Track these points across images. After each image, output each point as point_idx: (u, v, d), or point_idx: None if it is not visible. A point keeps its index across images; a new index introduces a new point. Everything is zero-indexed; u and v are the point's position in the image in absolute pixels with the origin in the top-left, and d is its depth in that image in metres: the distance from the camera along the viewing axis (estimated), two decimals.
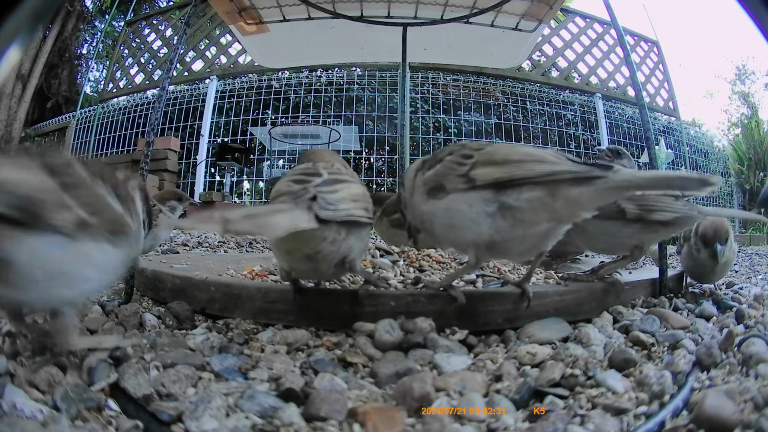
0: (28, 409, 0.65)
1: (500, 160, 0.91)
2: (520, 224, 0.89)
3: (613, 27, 1.70)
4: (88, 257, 0.73)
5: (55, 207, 0.68)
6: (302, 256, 0.90)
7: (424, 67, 6.86)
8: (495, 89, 7.69)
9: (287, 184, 0.91)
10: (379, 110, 7.17)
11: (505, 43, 2.76)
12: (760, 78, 14.08)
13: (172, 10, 7.98)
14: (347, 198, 0.90)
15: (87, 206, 0.72)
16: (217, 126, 7.20)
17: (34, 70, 9.33)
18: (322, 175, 0.93)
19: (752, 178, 8.54)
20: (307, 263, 0.91)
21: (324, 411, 0.66)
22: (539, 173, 0.86)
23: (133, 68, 7.61)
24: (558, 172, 0.84)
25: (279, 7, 2.47)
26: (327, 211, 0.84)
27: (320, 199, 0.84)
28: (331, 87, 7.58)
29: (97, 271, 0.76)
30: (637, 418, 0.68)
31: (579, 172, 0.83)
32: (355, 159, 8.32)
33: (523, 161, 0.88)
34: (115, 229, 0.77)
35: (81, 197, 0.72)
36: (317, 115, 7.36)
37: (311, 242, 0.86)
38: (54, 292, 0.71)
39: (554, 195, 0.85)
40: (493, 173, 0.89)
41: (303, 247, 0.88)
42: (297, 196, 0.85)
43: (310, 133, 6.90)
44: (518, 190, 0.87)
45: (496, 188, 0.89)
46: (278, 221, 0.75)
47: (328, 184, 0.91)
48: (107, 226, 0.75)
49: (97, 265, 0.75)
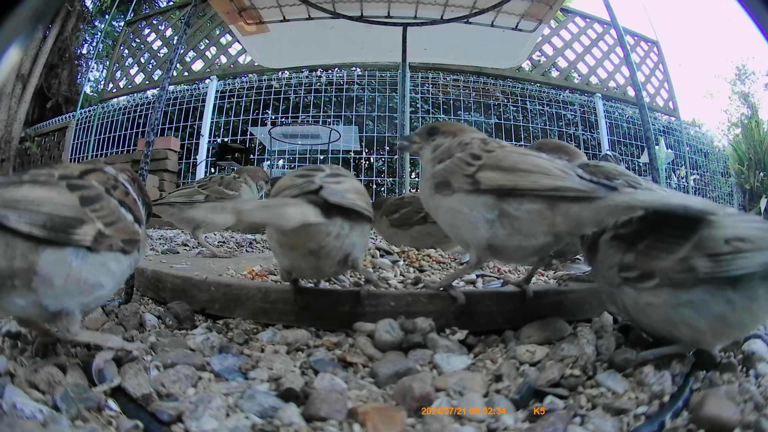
0: (28, 409, 0.65)
1: (507, 166, 0.90)
2: (518, 234, 0.89)
3: (613, 27, 1.70)
4: (104, 266, 0.77)
5: (76, 222, 0.72)
6: (306, 251, 0.91)
7: (424, 67, 6.85)
8: (495, 89, 7.68)
9: (290, 179, 0.93)
10: (379, 110, 7.17)
11: (505, 43, 2.77)
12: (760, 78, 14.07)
13: (172, 10, 7.97)
14: (351, 189, 0.93)
15: (104, 219, 0.76)
16: (217, 126, 7.19)
17: (34, 70, 9.33)
18: (324, 170, 0.96)
19: (752, 178, 8.53)
20: (310, 260, 0.92)
21: (324, 411, 0.66)
22: (542, 186, 0.85)
23: (133, 68, 7.61)
24: (561, 188, 0.84)
25: (279, 7, 2.47)
26: (335, 197, 0.86)
27: (326, 187, 0.87)
28: (331, 87, 7.57)
29: (112, 279, 0.80)
30: (637, 418, 0.68)
31: (582, 191, 0.83)
32: (355, 159, 8.32)
33: (529, 171, 0.88)
34: (127, 238, 0.80)
35: (99, 210, 0.76)
36: (317, 115, 7.35)
37: (316, 237, 0.87)
38: (71, 299, 0.74)
39: (554, 210, 0.85)
40: (497, 179, 0.90)
41: (308, 242, 0.89)
42: (302, 187, 0.87)
43: (310, 133, 6.90)
44: (519, 200, 0.87)
45: (498, 195, 0.89)
46: (291, 213, 0.78)
47: (332, 176, 0.94)
48: (121, 236, 0.78)
49: (111, 272, 0.79)
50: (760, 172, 8.53)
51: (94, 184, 0.79)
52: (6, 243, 0.67)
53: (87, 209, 0.74)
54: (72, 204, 0.73)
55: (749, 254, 0.72)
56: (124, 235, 0.79)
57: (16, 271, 0.67)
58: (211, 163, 7.05)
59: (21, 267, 0.68)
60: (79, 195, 0.75)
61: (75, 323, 0.76)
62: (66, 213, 0.72)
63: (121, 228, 0.79)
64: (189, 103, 7.21)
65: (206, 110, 6.93)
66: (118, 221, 0.78)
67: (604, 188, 0.82)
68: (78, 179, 0.79)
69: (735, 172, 8.85)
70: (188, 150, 7.01)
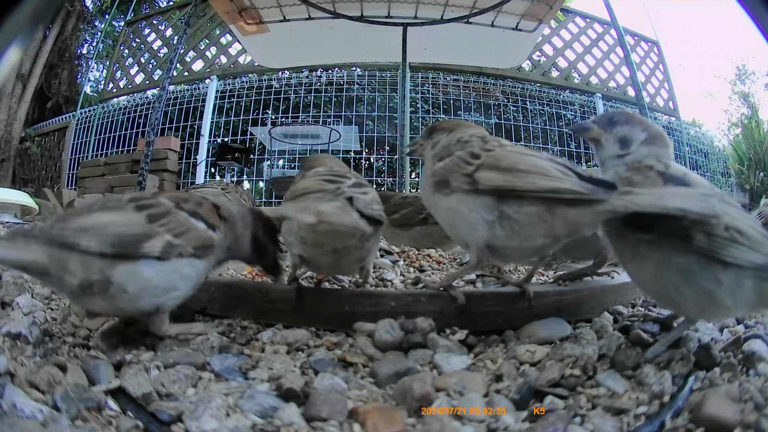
0: (28, 409, 0.65)
1: (506, 167, 0.90)
2: (517, 235, 0.89)
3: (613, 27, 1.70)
4: (177, 272, 0.87)
5: (143, 238, 0.83)
6: (331, 250, 0.96)
7: (424, 67, 6.85)
8: (495, 89, 7.67)
9: (319, 182, 0.97)
10: (379, 110, 7.16)
11: (505, 43, 2.77)
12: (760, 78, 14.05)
13: (172, 10, 7.97)
14: (375, 201, 0.98)
15: (172, 231, 0.86)
16: (217, 126, 7.19)
17: (34, 70, 9.33)
18: (350, 178, 1.00)
19: (752, 178, 8.52)
20: (331, 257, 0.98)
21: (324, 411, 0.66)
22: (540, 188, 0.85)
23: (133, 68, 7.61)
24: (559, 189, 0.84)
25: (279, 7, 2.47)
26: (371, 210, 0.94)
27: (357, 199, 0.93)
28: (331, 87, 7.57)
29: (186, 281, 0.90)
30: (637, 418, 0.68)
31: (581, 193, 0.82)
32: (355, 159, 8.32)
33: (527, 172, 0.87)
34: (199, 245, 0.90)
35: (167, 224, 0.86)
36: (317, 115, 7.35)
37: (348, 239, 0.93)
38: (147, 303, 0.85)
39: (553, 213, 0.85)
40: (495, 180, 0.89)
41: (336, 243, 0.94)
42: (334, 193, 0.93)
43: (310, 133, 6.90)
44: (518, 202, 0.87)
45: (497, 196, 0.89)
46: (353, 218, 0.88)
47: (358, 186, 0.98)
48: (192, 244, 0.88)
49: (185, 276, 0.89)
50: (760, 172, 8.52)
51: (163, 201, 0.90)
52: (83, 261, 0.80)
53: (155, 225, 0.85)
54: (139, 222, 0.85)
55: (743, 249, 0.76)
56: (195, 242, 0.89)
57: (94, 282, 0.81)
58: (211, 163, 7.06)
59: (98, 279, 0.81)
60: (147, 213, 0.86)
61: (160, 322, 0.89)
62: (133, 231, 0.83)
63: (191, 237, 0.89)
64: (189, 103, 7.20)
65: (206, 110, 6.92)
66: (187, 231, 0.88)
67: (603, 189, 0.82)
68: (147, 200, 0.90)
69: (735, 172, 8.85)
70: (188, 150, 7.00)
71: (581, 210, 0.83)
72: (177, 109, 7.19)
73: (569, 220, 0.85)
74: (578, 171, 0.87)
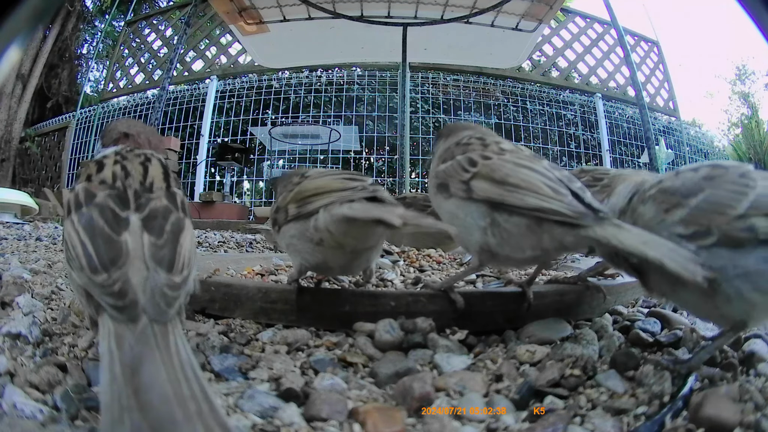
0: (28, 409, 0.65)
1: (498, 179, 0.90)
2: (507, 244, 0.90)
3: (613, 27, 1.70)
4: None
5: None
6: (350, 250, 0.96)
7: (424, 67, 6.85)
8: (495, 89, 7.68)
9: (341, 180, 0.96)
10: (379, 110, 7.17)
11: (505, 43, 2.77)
12: (760, 78, 14.07)
13: (172, 10, 7.98)
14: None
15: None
16: (217, 126, 7.20)
17: (34, 70, 9.33)
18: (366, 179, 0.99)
19: None
20: (347, 257, 0.98)
21: (324, 411, 0.66)
22: (527, 205, 0.85)
23: (133, 68, 7.62)
24: (546, 209, 0.84)
25: (279, 7, 2.47)
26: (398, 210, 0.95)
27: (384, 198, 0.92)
28: (331, 87, 7.58)
29: None
30: (637, 418, 0.68)
31: (566, 216, 0.82)
32: (355, 159, 8.32)
33: (517, 187, 0.87)
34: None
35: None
36: (317, 115, 7.36)
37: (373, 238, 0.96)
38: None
39: (541, 227, 0.86)
40: (487, 191, 0.90)
41: (359, 242, 0.95)
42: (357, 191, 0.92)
43: (310, 133, 6.91)
44: (509, 213, 0.88)
45: (490, 204, 0.90)
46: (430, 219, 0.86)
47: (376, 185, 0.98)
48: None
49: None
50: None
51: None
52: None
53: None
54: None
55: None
56: None
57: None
58: (211, 163, 7.06)
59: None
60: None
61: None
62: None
63: None
64: (189, 103, 7.22)
65: (206, 110, 6.94)
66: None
67: (593, 214, 0.81)
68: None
69: None
70: (188, 150, 7.01)
71: (566, 230, 0.83)
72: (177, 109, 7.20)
73: (555, 237, 0.85)
74: (574, 188, 0.86)
